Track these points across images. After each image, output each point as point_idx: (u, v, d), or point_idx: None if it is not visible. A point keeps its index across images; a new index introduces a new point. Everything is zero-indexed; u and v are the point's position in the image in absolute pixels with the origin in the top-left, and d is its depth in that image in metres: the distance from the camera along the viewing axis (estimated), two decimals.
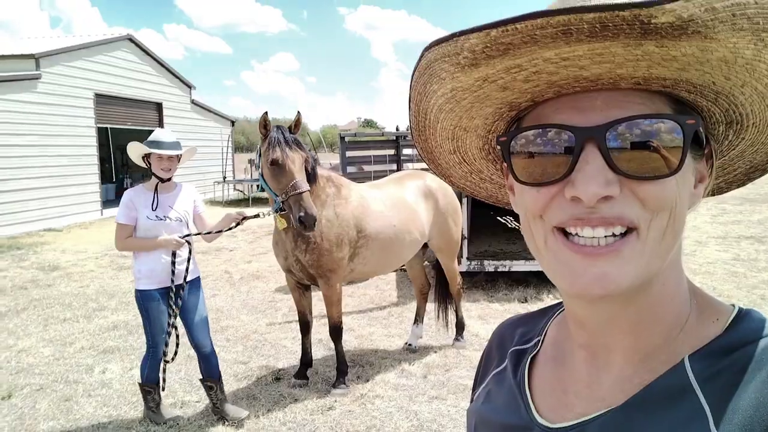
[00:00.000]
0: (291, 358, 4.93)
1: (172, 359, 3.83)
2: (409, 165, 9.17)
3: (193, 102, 20.39)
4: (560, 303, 0.73)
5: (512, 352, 0.75)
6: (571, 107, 0.54)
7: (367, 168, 8.38)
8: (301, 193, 3.63)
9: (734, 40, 0.45)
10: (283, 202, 3.69)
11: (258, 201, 19.12)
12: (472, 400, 0.82)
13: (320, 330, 5.45)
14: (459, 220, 5.23)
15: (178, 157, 3.68)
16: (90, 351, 5.24)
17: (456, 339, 5.23)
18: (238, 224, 3.79)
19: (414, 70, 0.57)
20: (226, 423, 3.78)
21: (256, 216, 3.90)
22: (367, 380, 4.48)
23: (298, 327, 4.53)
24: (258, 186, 20.82)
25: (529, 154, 0.56)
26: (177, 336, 3.83)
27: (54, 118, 13.84)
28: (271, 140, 3.73)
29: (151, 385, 3.79)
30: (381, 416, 3.89)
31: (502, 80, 0.53)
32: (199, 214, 3.86)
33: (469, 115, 0.62)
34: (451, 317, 5.32)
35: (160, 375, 3.80)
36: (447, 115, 0.62)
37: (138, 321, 6.06)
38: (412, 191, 4.82)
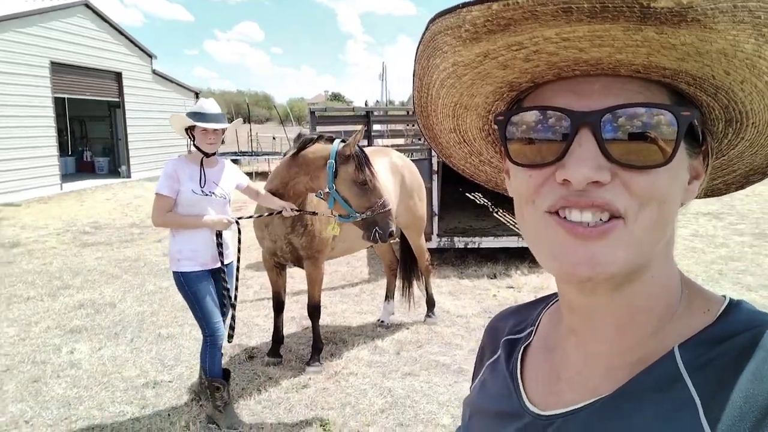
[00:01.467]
0: (263, 336, 4.94)
1: (230, 340, 3.73)
2: (379, 141, 9.15)
3: (154, 72, 19.74)
4: (554, 294, 0.74)
5: (505, 341, 0.76)
6: (570, 91, 0.54)
7: None
8: (390, 210, 3.75)
9: (734, 32, 0.45)
10: (364, 218, 3.70)
11: None
12: (470, 391, 0.83)
13: (291, 307, 5.46)
14: (424, 196, 5.26)
15: (223, 130, 3.51)
16: (56, 331, 5.13)
17: (427, 315, 5.32)
18: (279, 212, 3.80)
19: (419, 43, 0.58)
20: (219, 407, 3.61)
21: (314, 214, 3.97)
22: (341, 357, 4.53)
23: (272, 305, 4.53)
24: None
25: (525, 135, 0.56)
26: (234, 317, 3.76)
27: (8, 87, 13.25)
28: (360, 159, 3.71)
29: (219, 381, 3.56)
30: (355, 393, 3.95)
31: (503, 57, 0.54)
32: (248, 185, 3.75)
33: (469, 93, 0.62)
34: (422, 294, 5.40)
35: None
36: (448, 90, 0.62)
37: (104, 300, 5.99)
38: (379, 167, 4.82)
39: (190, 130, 3.47)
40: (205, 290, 3.44)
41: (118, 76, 17.70)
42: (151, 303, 5.92)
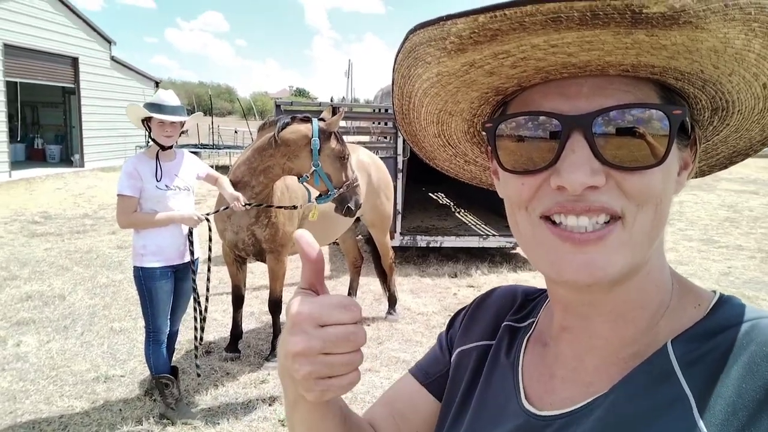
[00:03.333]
0: (221, 331, 4.84)
1: (200, 341, 3.70)
2: (345, 138, 9.09)
3: (113, 59, 19.13)
4: None
5: (506, 327, 0.75)
6: (558, 93, 0.53)
7: None
8: (358, 183, 3.93)
9: (725, 30, 0.45)
10: (339, 193, 3.83)
11: None
12: (462, 349, 0.78)
13: (251, 303, 5.38)
14: (391, 194, 5.27)
15: (181, 123, 3.36)
16: (2, 323, 4.91)
17: (389, 312, 5.32)
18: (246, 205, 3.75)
19: (398, 53, 0.56)
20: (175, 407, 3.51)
21: (294, 207, 4.02)
22: None
23: (231, 300, 4.45)
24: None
25: (515, 142, 0.55)
26: (204, 319, 3.70)
27: None
28: (340, 136, 3.84)
29: (167, 377, 3.46)
30: None
31: (489, 65, 0.53)
32: (207, 173, 3.66)
33: (454, 100, 0.61)
34: (384, 291, 5.40)
35: (196, 362, 3.66)
36: (432, 99, 0.61)
37: (54, 292, 5.76)
38: None
39: (146, 122, 3.34)
40: (162, 288, 3.36)
41: (74, 62, 17.06)
42: (104, 296, 5.73)
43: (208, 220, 3.54)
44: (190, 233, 3.43)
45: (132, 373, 4.07)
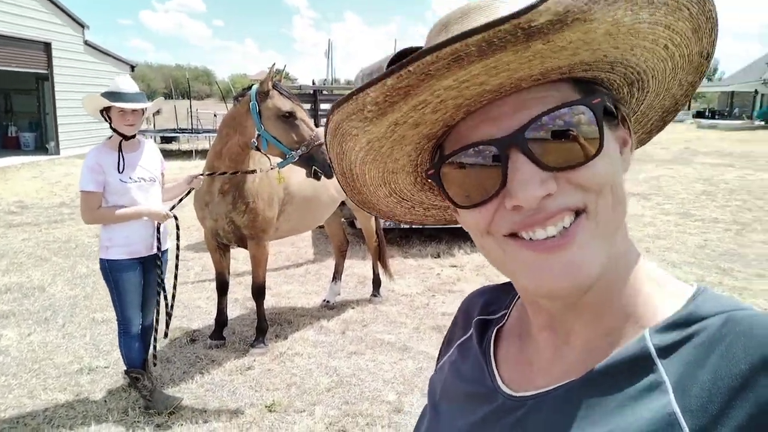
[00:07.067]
0: (206, 319, 4.83)
1: (165, 335, 3.65)
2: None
3: (86, 43, 18.69)
4: None
5: (477, 321, 0.76)
6: (484, 120, 0.55)
7: None
8: (321, 142, 3.57)
9: (612, 14, 0.47)
10: (302, 154, 3.59)
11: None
12: (436, 371, 0.83)
13: (235, 289, 5.36)
14: None
15: (143, 110, 3.25)
16: None
17: (373, 295, 5.36)
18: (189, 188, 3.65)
19: (326, 133, 0.59)
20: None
21: (235, 173, 3.80)
22: (286, 338, 4.50)
23: (215, 287, 4.43)
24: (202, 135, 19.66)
25: (460, 179, 0.58)
26: (171, 309, 3.64)
27: None
28: (281, 92, 3.65)
29: (137, 371, 3.42)
30: (301, 373, 3.94)
31: (412, 119, 0.55)
32: (163, 173, 3.55)
33: (392, 159, 0.63)
34: (368, 273, 5.42)
35: (150, 352, 3.53)
36: (371, 165, 0.64)
37: (33, 284, 5.70)
38: None
39: (106, 112, 3.23)
40: (129, 280, 3.30)
41: (47, 47, 16.65)
42: (84, 286, 5.68)
43: (176, 217, 3.46)
44: (158, 228, 3.38)
45: (116, 363, 4.05)
